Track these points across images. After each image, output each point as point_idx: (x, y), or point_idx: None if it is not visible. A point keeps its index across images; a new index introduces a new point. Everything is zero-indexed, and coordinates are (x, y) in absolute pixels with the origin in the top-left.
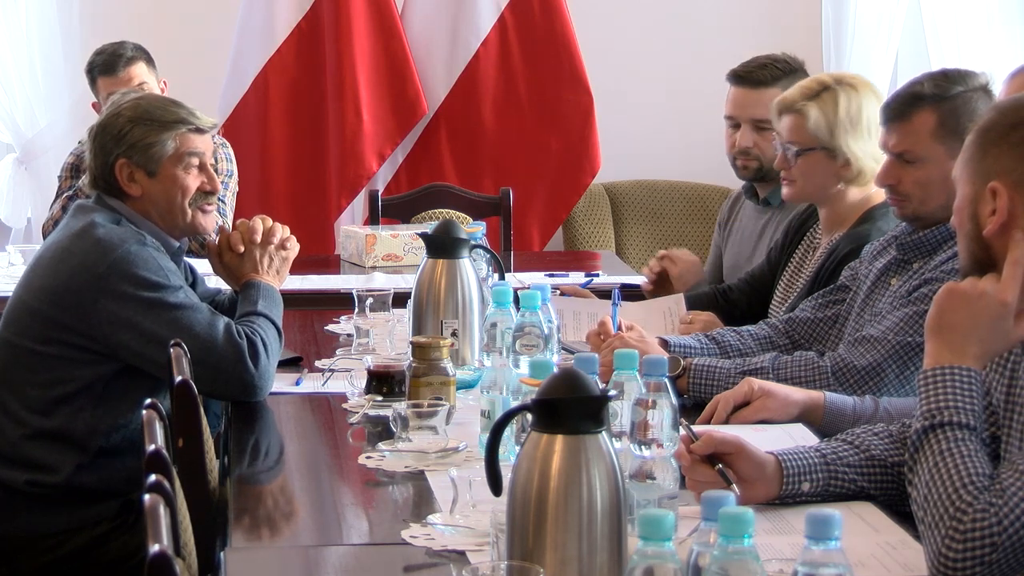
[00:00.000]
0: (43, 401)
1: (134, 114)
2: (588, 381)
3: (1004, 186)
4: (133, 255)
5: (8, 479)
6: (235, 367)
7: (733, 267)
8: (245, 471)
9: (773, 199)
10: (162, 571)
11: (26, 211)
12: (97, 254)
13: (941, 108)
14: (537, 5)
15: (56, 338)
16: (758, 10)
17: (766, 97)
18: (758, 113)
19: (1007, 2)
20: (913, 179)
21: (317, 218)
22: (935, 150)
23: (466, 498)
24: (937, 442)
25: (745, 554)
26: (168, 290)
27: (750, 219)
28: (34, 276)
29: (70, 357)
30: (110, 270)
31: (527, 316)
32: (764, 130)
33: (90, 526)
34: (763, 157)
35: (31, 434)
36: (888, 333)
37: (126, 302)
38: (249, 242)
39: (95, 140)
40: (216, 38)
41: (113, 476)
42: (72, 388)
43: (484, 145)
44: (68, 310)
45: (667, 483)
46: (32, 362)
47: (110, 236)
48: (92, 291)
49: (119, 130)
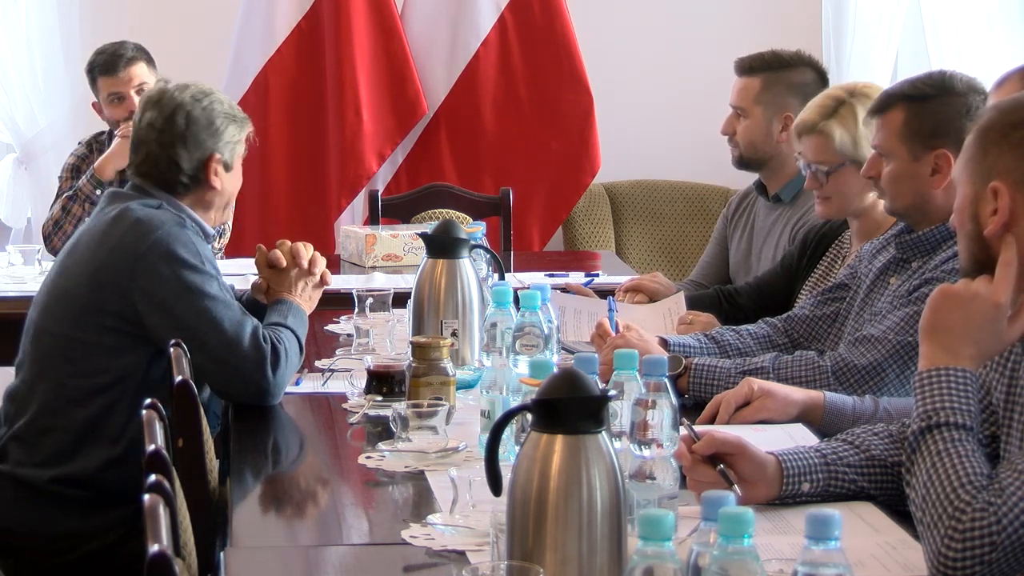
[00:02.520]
0: (80, 391)
1: (223, 109)
2: (588, 381)
3: (1005, 186)
4: (174, 236)
5: (32, 476)
6: (255, 370)
7: (738, 264)
8: (245, 471)
9: (784, 195)
10: (162, 571)
11: (26, 211)
12: (137, 234)
13: (910, 108)
14: (537, 5)
15: (94, 323)
16: (758, 10)
17: (746, 85)
18: (737, 100)
19: (1007, 2)
20: (885, 175)
21: (317, 218)
22: (899, 148)
23: (466, 498)
24: (935, 443)
25: (745, 554)
26: (205, 276)
27: (759, 215)
28: (71, 261)
29: (106, 344)
30: (149, 250)
31: (527, 316)
32: (739, 115)
33: (103, 533)
34: (741, 144)
35: (67, 425)
36: (888, 333)
37: (163, 282)
38: (292, 265)
39: (180, 133)
40: (216, 38)
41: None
42: (108, 379)
43: (484, 145)
44: (105, 290)
45: (667, 483)
46: (70, 351)
47: (150, 217)
48: (129, 270)
49: (214, 125)
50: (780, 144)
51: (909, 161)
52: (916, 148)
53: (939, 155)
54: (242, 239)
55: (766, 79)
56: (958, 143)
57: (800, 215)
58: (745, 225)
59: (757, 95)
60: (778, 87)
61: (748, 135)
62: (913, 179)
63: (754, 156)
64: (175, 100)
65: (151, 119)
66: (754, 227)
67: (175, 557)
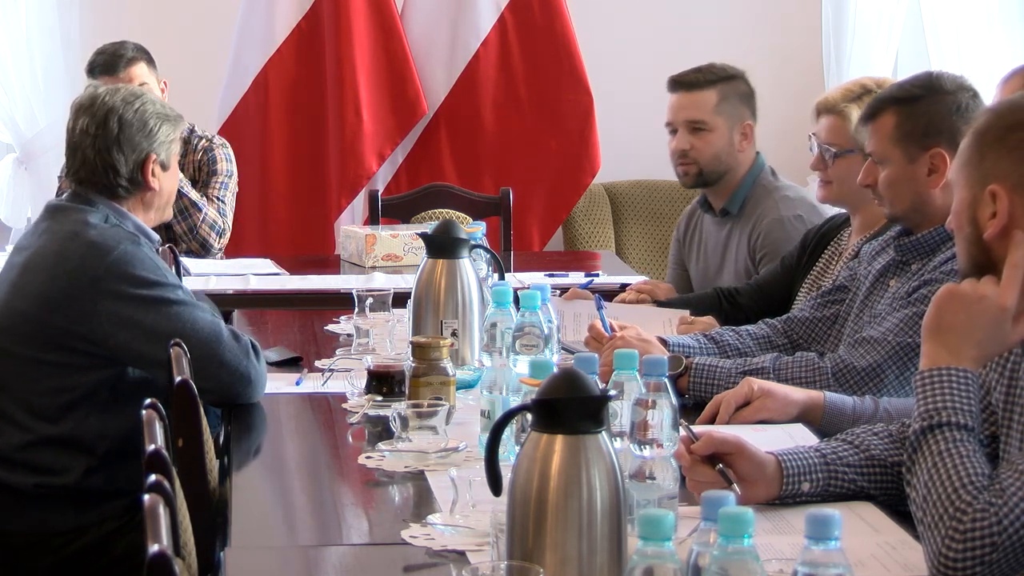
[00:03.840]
0: (50, 408)
1: (156, 110)
2: (588, 381)
3: (1003, 189)
4: (130, 255)
5: (16, 482)
6: (240, 362)
7: (703, 283)
8: (245, 471)
9: (731, 207)
10: (161, 571)
11: (26, 211)
12: (93, 257)
13: (900, 111)
14: (537, 5)
15: (58, 344)
16: (758, 10)
17: (700, 99)
18: (693, 115)
19: (1007, 2)
20: (882, 180)
21: (317, 218)
22: (893, 152)
23: (466, 498)
24: (936, 443)
25: (745, 554)
26: (168, 287)
27: (711, 232)
28: (26, 282)
29: (74, 364)
30: (107, 272)
31: (527, 316)
32: (699, 131)
33: (97, 525)
34: (701, 159)
35: (38, 440)
36: (888, 334)
37: (126, 302)
38: None
39: (114, 137)
40: (216, 38)
41: (121, 477)
42: (78, 395)
43: (484, 145)
44: (68, 316)
45: (667, 483)
46: (34, 371)
47: (104, 238)
48: (91, 294)
49: (148, 127)
50: (739, 155)
51: (905, 164)
52: (911, 149)
53: (934, 154)
54: (242, 239)
55: (721, 90)
56: (952, 140)
57: (752, 224)
58: (699, 244)
59: (716, 107)
60: (733, 97)
61: (712, 148)
62: (910, 181)
63: (715, 170)
64: (107, 104)
65: (84, 125)
66: (707, 245)
67: (175, 557)
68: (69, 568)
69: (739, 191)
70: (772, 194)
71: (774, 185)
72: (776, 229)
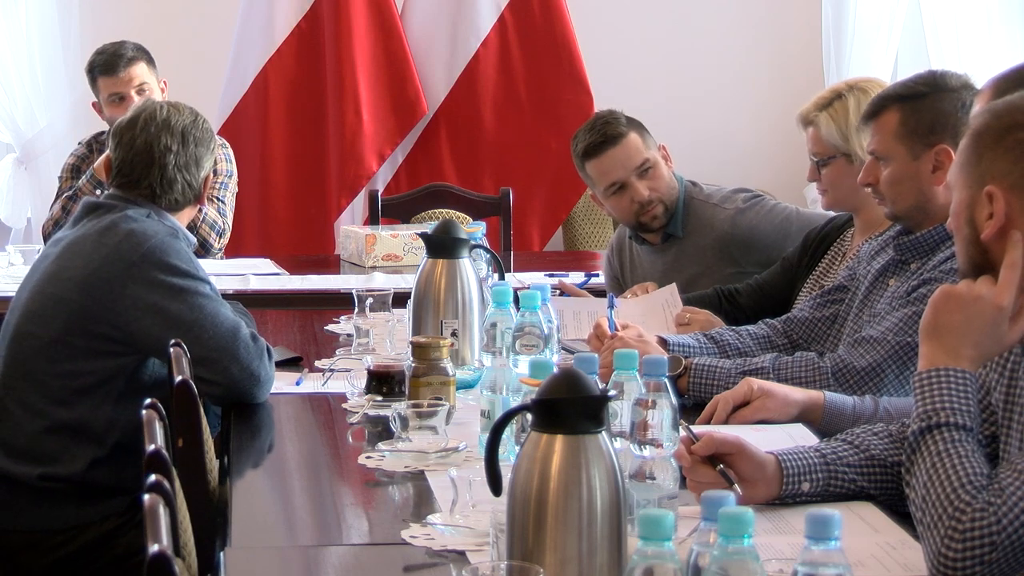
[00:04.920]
0: (64, 391)
1: (210, 136)
2: (588, 381)
3: (1000, 190)
4: (167, 245)
5: (21, 474)
6: (253, 361)
7: None
8: (245, 471)
9: (675, 230)
10: (161, 571)
11: (26, 211)
12: (131, 243)
13: (905, 108)
14: (537, 5)
15: (81, 328)
16: (758, 11)
17: (630, 145)
18: (636, 159)
19: (1007, 2)
20: (885, 178)
21: (317, 218)
22: (897, 149)
23: (466, 498)
24: (934, 443)
25: (745, 554)
26: (197, 280)
27: (653, 262)
28: (60, 268)
29: (94, 348)
30: (143, 258)
31: (527, 316)
32: (648, 171)
33: (99, 522)
34: (662, 195)
35: (50, 426)
36: (887, 334)
37: (155, 287)
38: None
39: (192, 155)
40: (216, 38)
41: (126, 472)
42: (93, 380)
43: (484, 145)
44: (97, 297)
45: (667, 483)
46: (55, 352)
47: (143, 227)
48: (122, 277)
49: (211, 147)
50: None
51: (909, 161)
52: (915, 146)
53: (939, 151)
54: (242, 239)
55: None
56: (956, 137)
57: (707, 234)
58: (642, 277)
59: (644, 144)
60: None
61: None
62: (914, 178)
63: (672, 199)
64: (183, 122)
65: (167, 142)
66: (648, 275)
67: (175, 557)
68: (69, 567)
69: (677, 212)
70: (708, 200)
71: (705, 194)
72: (740, 219)
